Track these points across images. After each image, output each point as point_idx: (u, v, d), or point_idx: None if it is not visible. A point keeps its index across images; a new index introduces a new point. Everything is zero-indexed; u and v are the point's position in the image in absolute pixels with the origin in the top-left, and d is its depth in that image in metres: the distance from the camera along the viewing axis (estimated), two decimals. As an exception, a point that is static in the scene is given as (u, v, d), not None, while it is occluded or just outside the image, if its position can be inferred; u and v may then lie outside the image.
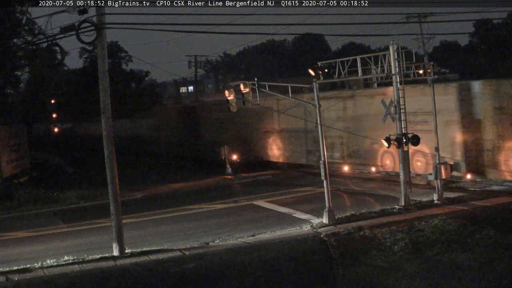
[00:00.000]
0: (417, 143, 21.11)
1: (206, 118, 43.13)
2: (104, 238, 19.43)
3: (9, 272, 15.91)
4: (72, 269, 16.11)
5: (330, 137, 28.90)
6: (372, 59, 22.69)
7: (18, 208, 26.97)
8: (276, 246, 17.74)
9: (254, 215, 22.38)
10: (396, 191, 22.32)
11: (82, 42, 17.28)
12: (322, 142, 20.20)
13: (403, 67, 21.74)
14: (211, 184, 31.47)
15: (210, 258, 16.90)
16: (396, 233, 18.19)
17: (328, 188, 19.77)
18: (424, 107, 24.41)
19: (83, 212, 25.96)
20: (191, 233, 20.09)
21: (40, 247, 19.31)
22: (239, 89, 22.48)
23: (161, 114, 52.28)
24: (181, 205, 25.29)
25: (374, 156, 27.76)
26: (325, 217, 19.56)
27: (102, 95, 17.52)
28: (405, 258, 16.89)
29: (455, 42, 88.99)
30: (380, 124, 26.69)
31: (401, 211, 20.59)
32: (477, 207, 20.31)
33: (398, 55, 21.32)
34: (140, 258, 16.92)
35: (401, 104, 21.19)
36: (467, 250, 16.87)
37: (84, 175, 36.52)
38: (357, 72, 22.94)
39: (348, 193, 25.28)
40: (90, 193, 29.02)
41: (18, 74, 38.97)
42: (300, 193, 26.45)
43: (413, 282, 15.83)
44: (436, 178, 21.57)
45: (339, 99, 29.81)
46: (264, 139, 35.91)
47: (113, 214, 17.54)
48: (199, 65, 73.42)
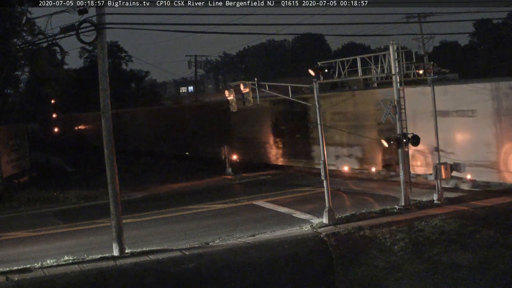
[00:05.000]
0: (417, 143, 21.11)
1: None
2: (104, 238, 19.41)
3: (9, 272, 15.90)
4: (72, 269, 16.10)
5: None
6: (372, 59, 22.66)
7: (18, 208, 26.96)
8: (276, 246, 17.74)
9: (254, 215, 22.38)
10: (396, 191, 22.32)
11: (82, 42, 17.29)
12: (322, 142, 20.21)
13: (403, 67, 21.74)
14: (211, 184, 31.47)
15: (210, 258, 16.90)
16: (396, 233, 18.19)
17: (328, 188, 19.77)
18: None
19: (83, 212, 25.95)
20: (191, 233, 20.09)
21: (40, 247, 19.31)
22: (239, 89, 22.47)
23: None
24: (181, 205, 25.27)
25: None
26: (325, 217, 19.55)
27: (102, 95, 17.53)
28: (405, 258, 16.90)
29: (455, 42, 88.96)
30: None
31: (401, 211, 20.58)
32: (477, 207, 20.31)
33: (398, 55, 21.31)
34: (140, 258, 16.92)
35: (401, 104, 21.20)
36: (467, 250, 16.87)
37: (84, 175, 36.55)
38: (357, 72, 22.92)
39: (348, 193, 25.28)
40: (90, 193, 29.00)
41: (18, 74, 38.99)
42: (300, 193, 26.45)
43: (413, 282, 15.85)
44: (436, 178, 21.58)
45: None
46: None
47: (113, 214, 17.54)
48: (199, 65, 73.49)
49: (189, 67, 69.82)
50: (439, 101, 22.91)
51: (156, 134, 50.48)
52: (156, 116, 53.02)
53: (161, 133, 49.61)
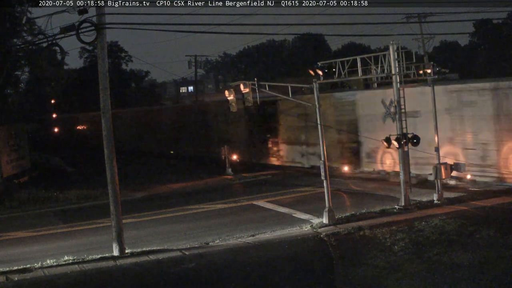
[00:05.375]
0: (417, 143, 21.11)
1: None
2: (104, 238, 19.41)
3: (9, 272, 15.91)
4: (72, 269, 16.12)
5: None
6: (372, 59, 22.65)
7: (18, 208, 26.98)
8: (276, 246, 17.74)
9: (254, 215, 22.38)
10: (396, 191, 22.32)
11: (82, 42, 17.32)
12: (322, 142, 20.21)
13: (403, 67, 21.74)
14: (211, 184, 31.47)
15: (210, 258, 16.91)
16: (396, 233, 18.19)
17: (328, 188, 19.77)
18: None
19: (83, 212, 25.96)
20: (191, 233, 20.10)
21: (40, 247, 19.31)
22: (239, 89, 22.46)
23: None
24: (181, 205, 25.28)
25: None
26: (325, 217, 19.56)
27: (102, 95, 17.54)
28: (405, 258, 16.89)
29: (455, 42, 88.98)
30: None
31: (401, 211, 20.59)
32: (477, 207, 20.31)
33: (398, 55, 21.31)
34: (140, 258, 16.92)
35: (401, 104, 21.20)
36: (467, 250, 16.87)
37: (84, 175, 36.53)
38: (357, 72, 22.91)
39: (348, 193, 25.28)
40: (90, 193, 29.00)
41: (18, 74, 38.99)
42: (300, 193, 26.45)
43: (413, 282, 15.83)
44: (436, 178, 21.58)
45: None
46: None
47: (113, 214, 17.55)
48: (199, 65, 73.41)
49: (189, 67, 69.80)
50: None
51: (140, 134, 53.68)
52: (140, 116, 56.11)
53: (146, 133, 53.12)
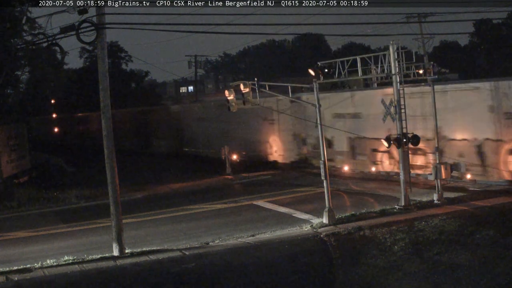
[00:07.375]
0: (417, 143, 21.11)
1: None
2: (104, 238, 19.42)
3: (9, 272, 15.91)
4: (72, 269, 16.12)
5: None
6: (372, 59, 22.66)
7: (18, 208, 26.95)
8: (276, 246, 17.74)
9: (254, 215, 22.38)
10: (396, 191, 22.32)
11: (82, 42, 17.30)
12: (322, 142, 20.20)
13: (403, 67, 21.74)
14: (211, 184, 31.47)
15: (210, 258, 16.90)
16: (396, 233, 18.20)
17: (328, 188, 19.77)
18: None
19: (83, 212, 25.94)
20: (191, 233, 20.09)
21: (40, 247, 19.31)
22: (239, 89, 22.45)
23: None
24: (181, 205, 25.27)
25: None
26: (325, 217, 19.55)
27: (102, 95, 17.54)
28: (405, 258, 16.91)
29: (455, 42, 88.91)
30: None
31: (401, 211, 20.57)
32: (477, 207, 20.31)
33: (398, 55, 21.30)
34: (140, 258, 16.92)
35: (401, 104, 21.19)
36: (467, 250, 16.88)
37: (84, 175, 36.50)
38: (357, 72, 22.92)
39: (348, 193, 25.27)
40: (90, 193, 28.99)
41: (18, 74, 38.93)
42: (300, 193, 26.44)
43: (413, 282, 15.86)
44: (436, 178, 21.57)
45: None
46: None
47: (113, 214, 17.54)
48: (199, 65, 73.44)
49: (189, 67, 69.85)
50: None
51: (123, 133, 55.19)
52: (124, 117, 57.94)
53: (127, 132, 55.72)
